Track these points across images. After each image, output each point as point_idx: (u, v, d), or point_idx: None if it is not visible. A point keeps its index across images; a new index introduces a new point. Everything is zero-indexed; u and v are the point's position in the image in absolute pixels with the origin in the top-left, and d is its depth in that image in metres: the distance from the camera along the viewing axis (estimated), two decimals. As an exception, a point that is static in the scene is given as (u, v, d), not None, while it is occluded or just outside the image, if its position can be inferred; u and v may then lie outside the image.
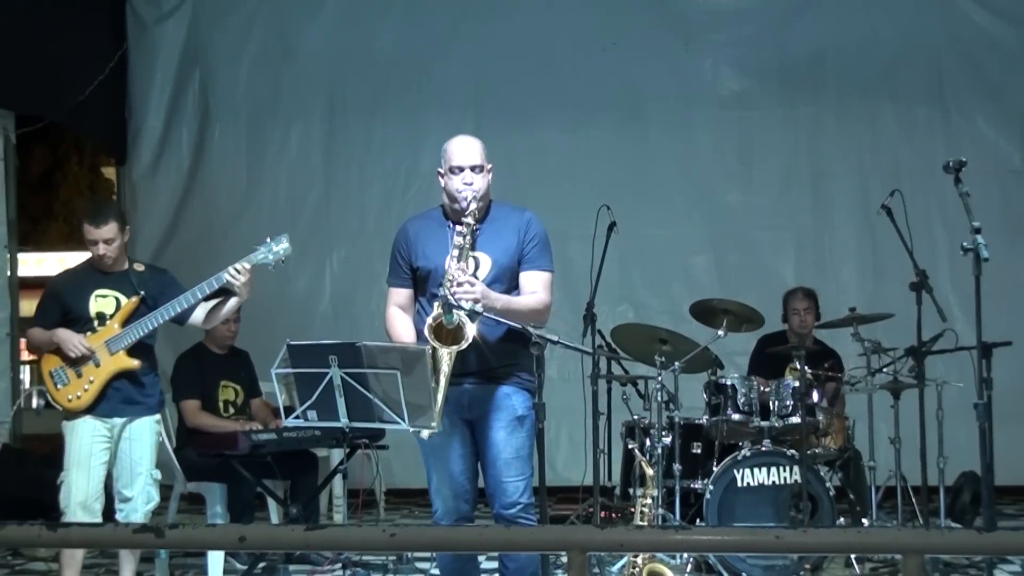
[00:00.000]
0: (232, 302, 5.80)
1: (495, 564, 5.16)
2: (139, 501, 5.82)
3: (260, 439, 6.62)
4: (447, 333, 4.64)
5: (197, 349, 7.14)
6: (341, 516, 7.53)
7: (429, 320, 4.68)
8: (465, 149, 4.88)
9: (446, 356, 4.63)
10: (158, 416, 6.00)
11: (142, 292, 5.82)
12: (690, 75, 9.51)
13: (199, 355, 7.12)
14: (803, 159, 9.47)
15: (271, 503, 7.04)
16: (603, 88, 9.47)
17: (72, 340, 5.76)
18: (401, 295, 4.99)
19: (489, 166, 4.90)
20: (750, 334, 7.29)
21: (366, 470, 7.11)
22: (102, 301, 5.87)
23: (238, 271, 5.53)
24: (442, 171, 4.90)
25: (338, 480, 7.43)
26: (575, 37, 9.46)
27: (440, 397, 4.61)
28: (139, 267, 5.99)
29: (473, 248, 4.80)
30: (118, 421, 5.81)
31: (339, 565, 6.43)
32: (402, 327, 4.93)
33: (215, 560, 6.65)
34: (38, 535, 2.68)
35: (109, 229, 5.79)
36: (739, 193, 9.49)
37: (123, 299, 5.85)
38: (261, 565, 6.69)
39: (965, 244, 5.01)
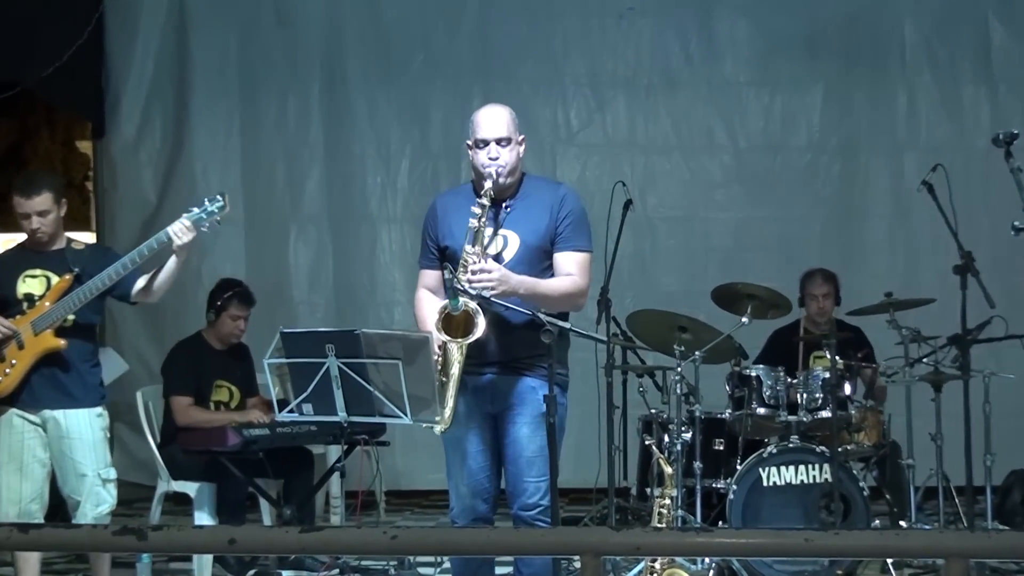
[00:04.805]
0: (170, 263, 5.57)
1: (510, 569, 5.15)
2: (87, 505, 5.65)
3: (252, 435, 6.61)
4: (456, 323, 4.57)
5: (195, 341, 7.09)
6: (338, 518, 7.52)
7: (435, 312, 4.62)
8: (491, 120, 4.82)
9: (456, 351, 4.57)
10: (100, 409, 5.77)
11: (76, 269, 5.59)
12: (711, 43, 9.42)
13: (196, 348, 7.07)
14: (831, 133, 9.39)
15: (263, 504, 7.03)
16: (620, 57, 9.41)
17: None
18: (431, 276, 4.95)
19: (520, 137, 4.85)
20: (775, 321, 7.24)
21: (365, 468, 7.10)
22: (31, 281, 5.66)
23: (183, 228, 5.38)
24: (470, 143, 4.86)
25: (335, 479, 7.40)
26: (588, 2, 9.40)
27: (451, 395, 4.56)
28: (77, 244, 5.78)
29: (500, 226, 4.76)
30: (49, 415, 5.62)
31: (336, 570, 6.43)
32: (430, 310, 4.82)
33: (203, 565, 6.65)
34: (7, 537, 2.65)
35: (42, 200, 5.59)
36: (762, 170, 9.41)
37: (55, 278, 5.63)
38: (252, 571, 6.68)
39: (1016, 223, 4.95)
